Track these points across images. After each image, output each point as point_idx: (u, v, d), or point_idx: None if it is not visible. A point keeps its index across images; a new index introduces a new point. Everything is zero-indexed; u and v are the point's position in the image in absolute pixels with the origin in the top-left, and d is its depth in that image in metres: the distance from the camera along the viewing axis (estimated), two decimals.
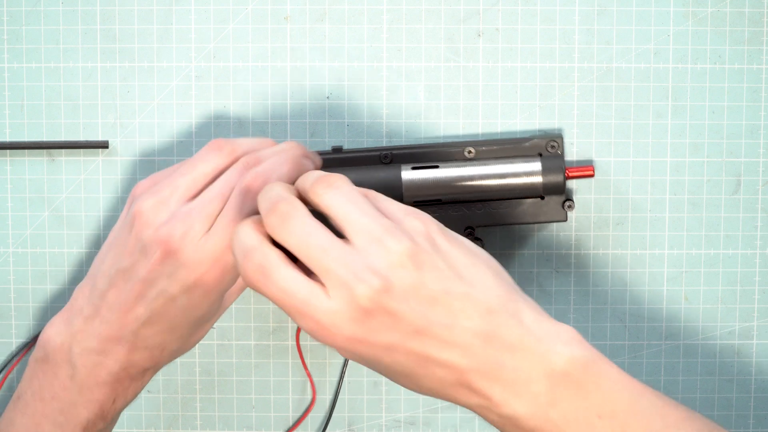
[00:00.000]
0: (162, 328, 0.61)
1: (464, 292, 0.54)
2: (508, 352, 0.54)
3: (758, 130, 0.71)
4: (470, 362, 0.53)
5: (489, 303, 0.54)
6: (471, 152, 0.69)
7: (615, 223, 0.72)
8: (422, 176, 0.68)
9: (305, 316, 0.53)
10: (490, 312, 0.54)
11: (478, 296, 0.54)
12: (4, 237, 0.72)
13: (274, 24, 0.71)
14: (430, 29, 0.71)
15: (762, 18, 0.71)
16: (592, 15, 0.71)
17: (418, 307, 0.53)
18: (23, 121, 0.71)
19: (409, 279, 0.53)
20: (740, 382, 0.73)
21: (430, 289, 0.53)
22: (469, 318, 0.53)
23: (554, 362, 0.53)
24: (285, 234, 0.54)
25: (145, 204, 0.61)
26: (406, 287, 0.53)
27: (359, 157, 0.69)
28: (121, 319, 0.61)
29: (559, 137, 0.69)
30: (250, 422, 0.74)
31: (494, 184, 0.68)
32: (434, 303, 0.53)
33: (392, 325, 0.53)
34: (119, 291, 0.61)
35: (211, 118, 0.71)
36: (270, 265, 0.54)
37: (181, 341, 0.63)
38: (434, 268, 0.54)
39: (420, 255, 0.54)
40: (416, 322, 0.53)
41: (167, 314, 0.61)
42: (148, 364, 0.63)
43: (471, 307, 0.54)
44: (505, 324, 0.54)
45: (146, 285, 0.60)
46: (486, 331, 0.53)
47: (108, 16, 0.71)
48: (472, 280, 0.54)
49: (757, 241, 0.72)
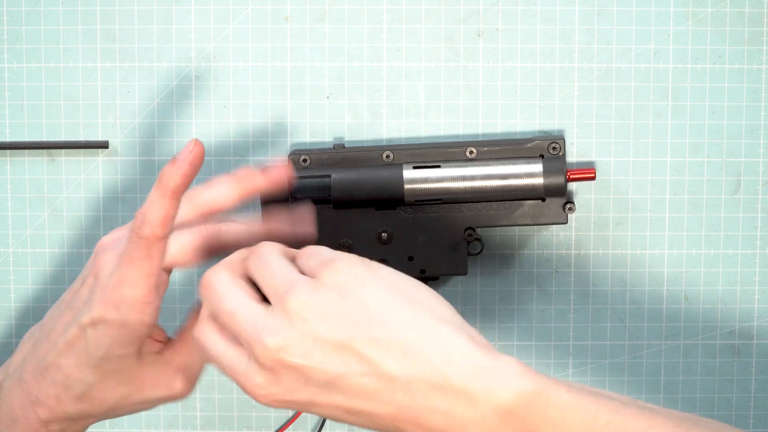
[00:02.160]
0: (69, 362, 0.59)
1: (373, 336, 0.51)
2: (438, 394, 0.50)
3: (758, 130, 0.71)
4: (394, 410, 0.51)
5: (406, 343, 0.50)
6: (473, 152, 0.69)
7: (615, 223, 0.72)
8: (423, 175, 0.68)
9: (236, 382, 0.54)
10: (407, 354, 0.50)
11: (390, 339, 0.51)
12: (4, 237, 0.72)
13: (274, 24, 0.71)
14: (430, 29, 0.71)
15: (762, 18, 0.71)
16: (592, 15, 0.71)
17: (324, 360, 0.51)
18: (23, 121, 0.71)
19: (309, 332, 0.51)
20: (740, 382, 0.73)
21: (334, 340, 0.51)
22: (382, 363, 0.50)
23: (492, 402, 0.50)
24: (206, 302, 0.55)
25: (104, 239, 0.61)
26: (306, 341, 0.51)
27: (360, 155, 0.69)
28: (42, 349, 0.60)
29: (561, 139, 0.69)
30: (250, 422, 0.74)
31: (495, 184, 0.68)
32: (341, 352, 0.51)
33: (303, 381, 0.52)
34: (53, 320, 0.61)
35: (211, 118, 0.71)
36: (203, 336, 0.55)
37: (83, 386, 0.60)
38: (338, 317, 0.51)
39: (320, 306, 0.52)
40: (325, 376, 0.51)
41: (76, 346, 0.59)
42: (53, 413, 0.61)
43: (383, 351, 0.50)
44: (427, 365, 0.50)
45: (71, 312, 0.60)
46: (403, 375, 0.50)
47: (108, 16, 0.71)
48: (384, 321, 0.51)
49: (757, 241, 0.72)
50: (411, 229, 0.69)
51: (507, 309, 0.73)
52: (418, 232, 0.69)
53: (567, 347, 0.73)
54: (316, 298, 0.52)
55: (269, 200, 0.68)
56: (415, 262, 0.69)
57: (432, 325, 0.51)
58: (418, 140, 0.71)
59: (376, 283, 0.53)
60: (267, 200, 0.68)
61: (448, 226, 0.69)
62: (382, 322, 0.51)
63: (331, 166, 0.69)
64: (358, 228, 0.69)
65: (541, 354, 0.73)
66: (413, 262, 0.69)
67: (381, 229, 0.69)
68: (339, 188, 0.68)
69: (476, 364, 0.50)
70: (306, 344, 0.51)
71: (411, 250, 0.69)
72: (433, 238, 0.69)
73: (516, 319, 0.73)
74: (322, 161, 0.69)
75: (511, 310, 0.73)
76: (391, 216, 0.69)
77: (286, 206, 0.67)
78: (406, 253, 0.69)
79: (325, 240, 0.69)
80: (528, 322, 0.73)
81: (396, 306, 0.52)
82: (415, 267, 0.69)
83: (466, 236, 0.69)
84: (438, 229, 0.69)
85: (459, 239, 0.69)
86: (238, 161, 0.72)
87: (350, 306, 0.52)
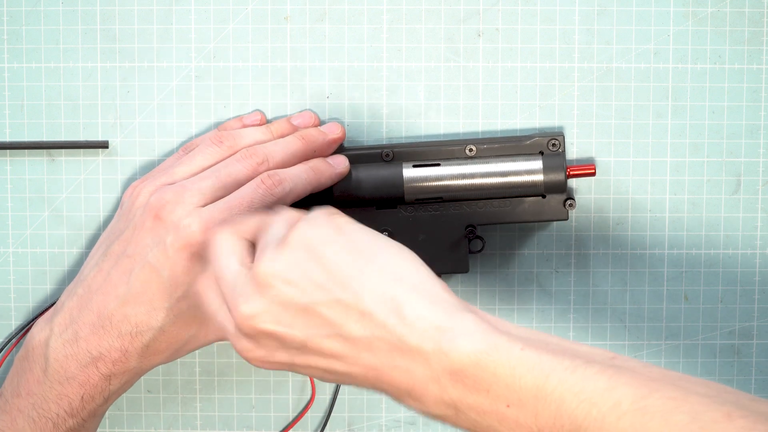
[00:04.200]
0: (138, 309, 0.61)
1: (333, 298, 0.52)
2: (396, 353, 0.51)
3: (758, 130, 0.71)
4: (363, 370, 0.52)
5: (362, 305, 0.51)
6: (472, 150, 0.69)
7: (615, 223, 0.72)
8: (423, 174, 0.68)
9: (234, 347, 0.55)
10: (363, 315, 0.51)
11: (348, 300, 0.52)
12: (4, 237, 0.72)
13: (274, 24, 0.71)
14: (430, 29, 0.71)
15: (762, 18, 0.71)
16: (592, 15, 0.71)
17: (292, 323, 0.52)
18: (23, 121, 0.71)
19: (278, 297, 0.52)
20: (740, 382, 0.73)
21: (299, 302, 0.52)
22: (343, 325, 0.51)
23: (444, 361, 0.50)
24: (207, 261, 0.57)
25: (145, 188, 0.63)
26: (275, 305, 0.52)
27: (360, 154, 0.69)
28: (100, 302, 0.61)
29: (560, 135, 0.69)
30: (250, 422, 0.74)
31: (495, 182, 0.68)
32: (306, 315, 0.52)
33: (279, 344, 0.53)
34: (103, 273, 0.62)
35: (211, 118, 0.71)
36: (203, 291, 0.56)
37: (153, 333, 0.62)
38: (305, 280, 0.52)
39: (290, 270, 0.52)
40: (296, 339, 0.52)
41: (148, 290, 0.60)
42: (116, 366, 0.62)
43: (342, 313, 0.52)
44: (382, 326, 0.51)
45: (132, 259, 0.60)
46: (363, 336, 0.51)
47: (108, 16, 0.71)
48: (344, 282, 0.52)
49: (757, 241, 0.72)
50: (412, 228, 0.69)
51: (507, 309, 0.73)
52: (419, 230, 0.69)
53: None
54: (280, 262, 0.53)
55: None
56: None
57: (387, 287, 0.52)
58: (417, 139, 0.71)
59: (339, 243, 0.53)
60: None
61: (449, 224, 0.69)
62: (341, 284, 0.52)
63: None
64: None
65: None
66: None
67: (382, 227, 0.69)
68: (339, 187, 0.68)
69: (429, 325, 0.51)
70: (274, 309, 0.52)
71: (412, 249, 0.69)
72: (433, 237, 0.69)
73: (516, 319, 0.73)
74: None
75: (511, 310, 0.73)
76: (391, 215, 0.69)
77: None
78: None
79: None
80: (528, 322, 0.73)
81: (355, 266, 0.52)
82: None
83: (467, 234, 0.69)
84: (439, 227, 0.69)
85: (460, 237, 0.69)
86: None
87: (312, 268, 0.52)
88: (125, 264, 0.61)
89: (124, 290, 0.61)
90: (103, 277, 0.62)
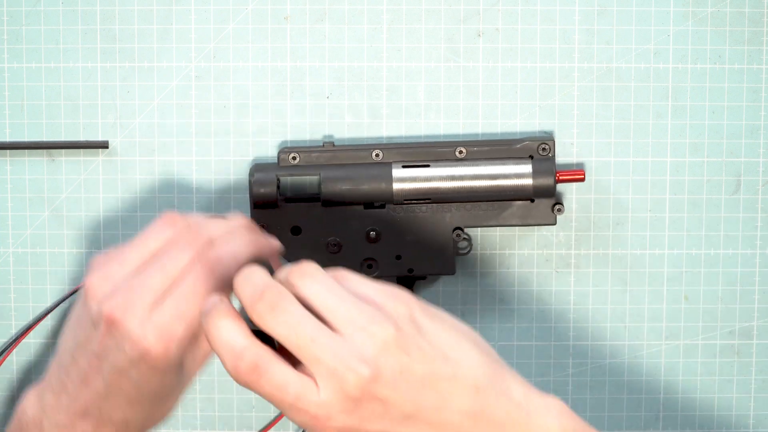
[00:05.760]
0: (120, 402, 0.60)
1: (451, 372, 0.53)
2: (498, 429, 0.53)
3: (758, 130, 0.71)
4: None
5: (476, 381, 0.54)
6: (462, 152, 0.69)
7: (615, 223, 0.72)
8: (413, 175, 0.68)
9: (299, 411, 0.53)
10: (478, 390, 0.53)
11: (465, 375, 0.53)
12: (4, 237, 0.72)
13: (274, 24, 0.71)
14: (430, 29, 0.71)
15: (762, 18, 0.71)
16: (592, 15, 0.71)
17: (407, 392, 0.53)
18: (23, 121, 0.71)
19: (397, 365, 0.53)
20: (740, 382, 0.73)
21: (418, 373, 0.53)
22: (458, 398, 0.53)
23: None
24: (274, 323, 0.53)
25: (92, 278, 0.60)
26: (395, 373, 0.52)
27: (350, 153, 0.69)
28: (83, 394, 0.61)
29: (550, 140, 0.69)
30: (250, 422, 0.74)
31: (484, 185, 0.68)
32: (423, 386, 0.53)
33: (382, 412, 0.53)
34: (78, 365, 0.61)
35: (211, 118, 0.71)
36: (264, 364, 0.53)
37: (144, 415, 0.61)
38: (420, 351, 0.53)
39: (405, 339, 0.53)
40: (405, 408, 0.53)
41: (122, 388, 0.59)
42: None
43: (459, 387, 0.53)
44: (494, 401, 0.54)
45: (99, 358, 0.60)
46: (475, 410, 0.53)
47: (108, 16, 0.71)
48: (457, 359, 0.54)
49: (757, 241, 0.72)
50: (399, 228, 0.69)
51: (507, 309, 0.73)
52: (407, 231, 0.69)
53: (567, 347, 0.73)
54: (400, 330, 0.53)
55: (260, 204, 0.68)
56: (403, 261, 0.69)
57: (494, 366, 0.55)
58: (408, 139, 0.71)
59: (440, 318, 0.55)
60: (258, 204, 0.68)
61: (437, 225, 0.69)
62: (455, 360, 0.54)
63: (320, 163, 0.69)
64: (346, 226, 0.69)
65: (541, 354, 0.73)
66: (401, 261, 0.69)
67: (369, 227, 0.69)
68: (328, 186, 0.68)
69: (532, 402, 0.54)
70: (394, 376, 0.52)
71: (399, 249, 0.69)
72: (421, 238, 0.69)
73: (516, 319, 0.73)
74: (312, 159, 0.69)
75: (511, 310, 0.73)
76: (379, 215, 0.69)
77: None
78: (394, 252, 0.69)
79: (314, 238, 0.69)
80: (528, 322, 0.73)
81: (464, 345, 0.55)
82: (403, 266, 0.69)
83: (454, 236, 0.69)
84: (426, 228, 0.69)
85: (447, 239, 0.69)
86: (238, 161, 0.72)
87: (427, 341, 0.54)
88: (95, 363, 0.60)
89: (102, 387, 0.60)
90: (79, 371, 0.61)
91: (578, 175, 0.69)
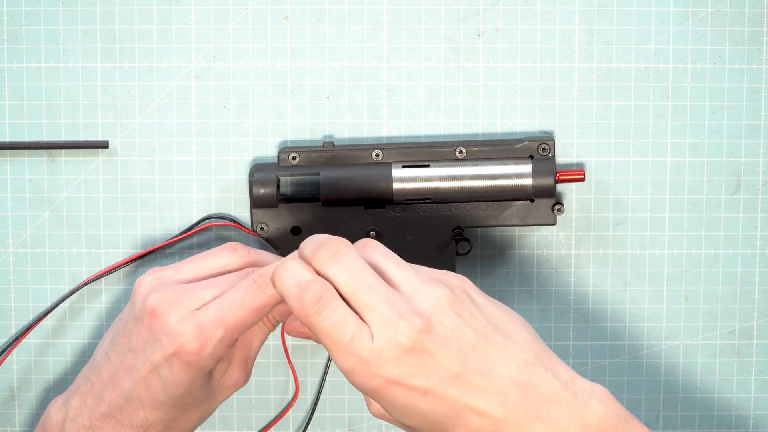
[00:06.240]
0: (145, 404, 0.61)
1: (501, 342, 0.55)
2: (545, 403, 0.54)
3: (758, 130, 0.71)
4: (506, 412, 0.54)
5: (525, 355, 0.55)
6: (462, 152, 0.69)
7: (615, 223, 0.72)
8: (413, 175, 0.68)
9: (350, 354, 0.53)
10: (527, 363, 0.55)
11: (515, 348, 0.55)
12: (4, 237, 0.72)
13: (274, 24, 0.71)
14: (430, 29, 0.71)
15: (762, 18, 0.71)
16: (592, 15, 0.71)
17: (457, 352, 0.54)
18: (23, 121, 0.71)
19: (450, 323, 0.54)
20: (740, 382, 0.73)
21: (469, 335, 0.54)
22: (507, 366, 0.54)
23: (589, 417, 0.54)
24: (335, 268, 0.55)
25: (145, 277, 0.63)
26: (447, 330, 0.54)
27: (350, 153, 0.69)
28: (110, 394, 0.61)
29: (550, 140, 0.69)
30: (250, 422, 0.74)
31: (484, 185, 0.68)
32: (472, 349, 0.54)
33: (431, 367, 0.53)
34: (112, 364, 0.62)
35: (211, 118, 0.71)
36: (328, 297, 0.54)
37: (165, 423, 0.62)
38: (472, 317, 0.55)
39: (459, 303, 0.55)
40: (454, 367, 0.53)
41: (149, 389, 0.60)
42: None
43: (508, 356, 0.55)
44: (542, 376, 0.55)
45: (134, 353, 0.61)
46: (523, 381, 0.54)
47: (108, 16, 0.71)
48: (508, 333, 0.56)
49: (757, 241, 0.72)
50: (399, 228, 0.69)
51: None
52: (407, 231, 0.69)
53: (567, 347, 0.73)
54: (455, 295, 0.55)
55: (260, 204, 0.68)
56: None
57: (543, 348, 0.56)
58: (408, 139, 0.71)
59: (493, 300, 0.58)
60: (258, 204, 0.68)
61: (437, 225, 0.69)
62: (506, 333, 0.55)
63: (320, 163, 0.69)
64: (346, 226, 0.69)
65: None
66: None
67: (369, 227, 0.69)
68: (328, 186, 0.68)
69: (578, 385, 0.55)
70: (446, 333, 0.54)
71: (399, 249, 0.69)
72: (421, 238, 0.69)
73: None
74: (312, 159, 0.69)
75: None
76: (379, 214, 0.69)
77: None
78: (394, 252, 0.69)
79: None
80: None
81: (516, 322, 0.57)
82: None
83: (454, 236, 0.69)
84: (426, 228, 0.69)
85: (447, 239, 0.69)
86: (238, 161, 0.72)
87: (480, 311, 0.56)
88: (129, 359, 0.61)
89: (129, 386, 0.61)
90: (111, 369, 0.62)
91: (578, 175, 0.69)
